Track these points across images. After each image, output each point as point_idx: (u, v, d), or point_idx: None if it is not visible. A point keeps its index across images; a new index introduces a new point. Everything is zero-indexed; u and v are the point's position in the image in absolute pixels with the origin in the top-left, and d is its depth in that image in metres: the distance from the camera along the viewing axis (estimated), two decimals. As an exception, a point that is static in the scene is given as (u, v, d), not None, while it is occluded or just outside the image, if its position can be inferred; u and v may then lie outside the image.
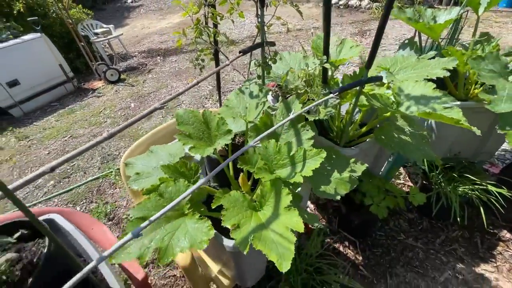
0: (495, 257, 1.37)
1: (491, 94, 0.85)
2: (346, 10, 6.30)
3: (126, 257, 0.60)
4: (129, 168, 0.87)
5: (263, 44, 0.81)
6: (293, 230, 0.55)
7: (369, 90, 0.88)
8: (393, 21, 5.05)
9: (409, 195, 1.29)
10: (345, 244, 1.48)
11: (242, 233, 0.56)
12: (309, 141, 0.75)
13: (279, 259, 0.51)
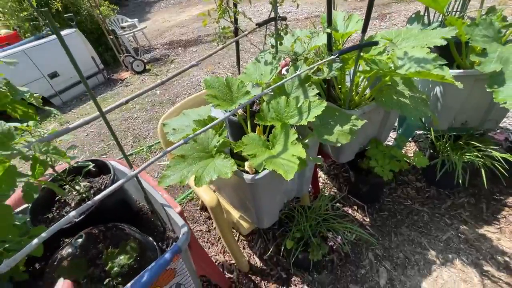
0: (499, 220, 1.44)
1: (483, 56, 0.94)
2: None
3: (171, 181, 0.79)
4: (166, 126, 1.07)
5: (276, 18, 0.96)
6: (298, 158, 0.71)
7: (369, 56, 1.00)
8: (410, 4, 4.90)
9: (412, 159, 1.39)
10: (354, 208, 1.61)
11: (258, 160, 0.73)
12: (314, 98, 0.89)
13: (285, 172, 0.67)
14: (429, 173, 1.68)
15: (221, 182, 1.12)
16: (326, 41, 1.06)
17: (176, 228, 0.79)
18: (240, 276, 1.35)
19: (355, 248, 1.42)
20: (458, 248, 1.35)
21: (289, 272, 1.34)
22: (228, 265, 1.40)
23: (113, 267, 0.72)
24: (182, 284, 0.75)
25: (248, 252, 1.45)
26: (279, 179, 0.98)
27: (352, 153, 1.38)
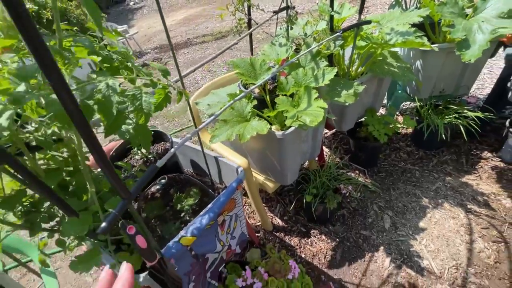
0: (477, 170, 1.72)
1: (452, 28, 1.19)
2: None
3: (219, 139, 0.98)
4: (200, 104, 1.26)
5: (288, 7, 1.17)
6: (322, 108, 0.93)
7: (364, 33, 1.23)
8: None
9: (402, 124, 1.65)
10: (356, 173, 1.85)
11: (290, 114, 0.94)
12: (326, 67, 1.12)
13: (314, 119, 0.89)
14: (417, 138, 1.95)
15: (250, 148, 1.32)
16: (325, 26, 1.28)
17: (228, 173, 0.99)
18: (266, 234, 1.55)
19: (361, 203, 1.65)
20: (445, 194, 1.61)
21: (308, 226, 1.55)
22: (254, 227, 1.59)
23: (182, 207, 0.91)
24: (239, 216, 0.95)
25: (270, 215, 1.65)
26: (299, 138, 1.20)
27: (352, 121, 1.61)
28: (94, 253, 0.52)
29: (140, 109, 0.46)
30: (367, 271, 1.33)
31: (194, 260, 0.78)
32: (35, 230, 0.64)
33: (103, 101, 0.45)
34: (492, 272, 1.23)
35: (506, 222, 1.41)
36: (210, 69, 4.07)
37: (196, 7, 8.84)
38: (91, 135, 0.39)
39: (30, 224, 0.64)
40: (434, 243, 1.39)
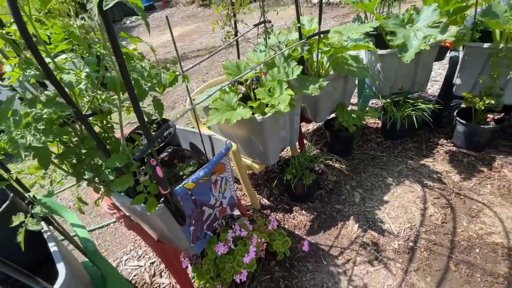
0: (434, 154, 2.02)
1: (393, 36, 1.52)
2: (328, 7, 7.04)
3: (213, 121, 1.26)
4: (196, 100, 1.55)
5: (265, 21, 1.49)
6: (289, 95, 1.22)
7: (326, 40, 1.55)
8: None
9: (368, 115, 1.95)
10: (333, 161, 2.13)
11: (266, 101, 1.23)
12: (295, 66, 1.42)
13: (284, 104, 1.18)
14: (385, 131, 2.26)
15: (238, 135, 1.59)
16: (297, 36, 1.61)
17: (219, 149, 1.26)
18: (255, 212, 1.81)
19: (336, 184, 1.92)
20: (407, 174, 1.90)
21: (291, 204, 1.81)
22: (244, 206, 1.85)
23: (184, 173, 1.18)
24: (228, 180, 1.21)
25: (258, 197, 1.91)
26: (278, 124, 1.48)
27: (325, 114, 1.92)
28: (128, 178, 0.78)
29: (160, 82, 0.74)
30: (339, 235, 1.58)
31: (194, 206, 1.03)
32: (79, 178, 0.91)
33: (137, 79, 0.73)
34: (439, 230, 1.50)
35: (454, 192, 1.70)
36: (204, 79, 4.40)
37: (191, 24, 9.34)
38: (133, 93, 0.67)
39: (77, 173, 0.90)
40: (394, 211, 1.65)
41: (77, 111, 0.70)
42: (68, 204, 2.29)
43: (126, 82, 0.63)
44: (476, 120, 1.88)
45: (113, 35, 0.58)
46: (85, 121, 0.74)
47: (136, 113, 0.69)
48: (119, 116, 0.78)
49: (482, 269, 1.28)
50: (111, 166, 0.75)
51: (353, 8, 6.31)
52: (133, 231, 1.11)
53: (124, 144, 0.83)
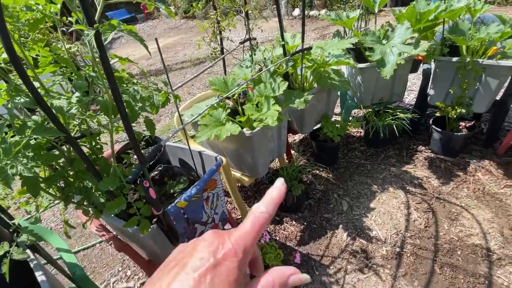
0: (414, 160, 2.12)
1: (372, 52, 1.62)
2: (308, 19, 7.32)
3: (203, 137, 1.28)
4: (184, 115, 1.56)
5: (250, 38, 1.54)
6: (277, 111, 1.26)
7: (310, 56, 1.62)
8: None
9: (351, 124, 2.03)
10: (320, 170, 2.19)
11: (254, 117, 1.26)
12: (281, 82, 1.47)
13: (271, 119, 1.21)
14: (367, 140, 2.35)
15: (227, 149, 1.61)
16: (282, 52, 1.67)
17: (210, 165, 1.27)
18: (246, 225, 1.80)
19: (324, 194, 1.97)
20: (390, 180, 1.98)
21: (281, 215, 1.83)
22: (235, 220, 1.84)
23: (175, 191, 1.17)
24: (219, 196, 1.22)
25: (248, 209, 1.91)
26: (266, 137, 1.52)
27: (310, 125, 1.98)
28: (121, 201, 0.77)
29: (153, 104, 0.75)
30: (329, 244, 1.61)
31: (186, 225, 1.03)
32: (67, 201, 0.89)
33: (129, 101, 0.74)
34: (423, 234, 1.57)
35: (434, 197, 1.79)
36: (190, 91, 4.40)
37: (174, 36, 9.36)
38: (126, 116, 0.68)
39: (65, 197, 0.88)
40: (381, 218, 1.71)
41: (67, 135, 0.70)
42: (50, 225, 2.18)
43: (119, 106, 0.64)
44: (450, 128, 2.01)
45: (107, 62, 0.59)
46: (75, 144, 0.73)
47: (129, 137, 0.70)
48: (111, 138, 0.77)
49: (464, 270, 1.35)
50: (103, 189, 0.75)
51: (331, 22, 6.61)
52: (123, 252, 1.08)
53: (116, 166, 0.82)
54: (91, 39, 0.50)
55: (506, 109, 1.92)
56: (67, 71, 0.84)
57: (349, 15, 1.98)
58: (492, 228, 1.53)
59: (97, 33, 0.51)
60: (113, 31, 0.52)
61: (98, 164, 0.91)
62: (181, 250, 0.27)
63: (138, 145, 0.72)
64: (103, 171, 0.89)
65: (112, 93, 0.62)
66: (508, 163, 1.92)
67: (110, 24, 0.52)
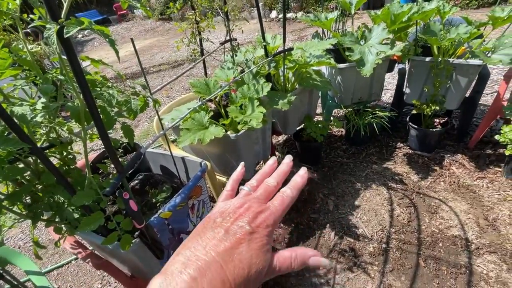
0: (394, 157, 2.19)
1: (351, 52, 1.65)
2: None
3: (185, 142, 1.22)
4: (164, 119, 1.49)
5: (231, 39, 1.51)
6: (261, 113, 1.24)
7: (291, 57, 1.62)
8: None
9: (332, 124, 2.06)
10: (305, 170, 2.19)
11: (239, 118, 1.23)
12: (264, 83, 1.45)
13: (256, 121, 1.19)
14: (349, 138, 2.40)
15: (212, 153, 1.56)
16: (263, 53, 1.65)
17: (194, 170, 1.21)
18: (233, 230, 1.76)
19: (309, 194, 1.97)
20: (373, 178, 2.03)
21: (268, 218, 1.80)
22: (221, 226, 1.79)
23: (157, 200, 1.11)
24: (205, 203, 1.17)
25: (235, 214, 1.87)
26: (251, 140, 1.49)
27: (294, 126, 1.98)
28: (98, 216, 0.70)
29: (130, 108, 0.69)
30: (318, 245, 1.61)
31: (171, 236, 0.97)
32: (36, 219, 0.80)
33: (104, 106, 0.68)
34: (406, 229, 1.61)
35: (414, 192, 1.85)
36: (169, 95, 4.27)
37: (150, 38, 9.09)
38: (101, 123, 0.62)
39: (32, 214, 0.79)
40: (366, 215, 1.74)
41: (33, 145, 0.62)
42: (18, 244, 2.00)
43: (93, 112, 0.58)
44: (425, 125, 2.09)
45: (76, 62, 0.53)
46: (42, 155, 0.65)
47: (105, 146, 0.63)
48: (84, 147, 0.71)
49: (447, 261, 1.40)
50: (77, 204, 0.68)
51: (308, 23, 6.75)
52: (102, 269, 1.00)
53: (91, 177, 0.75)
54: (52, 35, 0.44)
55: (475, 105, 2.03)
56: (31, 75, 0.76)
57: (328, 16, 2.00)
58: (468, 219, 1.61)
59: (61, 29, 0.45)
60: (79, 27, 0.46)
61: (71, 176, 0.83)
62: (222, 211, 0.32)
63: (115, 154, 0.66)
64: (76, 184, 0.82)
65: (84, 98, 0.56)
66: (478, 156, 2.03)
67: (78, 20, 0.47)
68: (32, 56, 0.71)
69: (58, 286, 1.64)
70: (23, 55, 0.73)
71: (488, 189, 1.78)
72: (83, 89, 0.55)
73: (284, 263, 0.30)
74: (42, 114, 0.59)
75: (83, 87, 0.55)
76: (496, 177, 1.84)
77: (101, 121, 0.61)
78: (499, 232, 1.50)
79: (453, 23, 2.07)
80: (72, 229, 0.84)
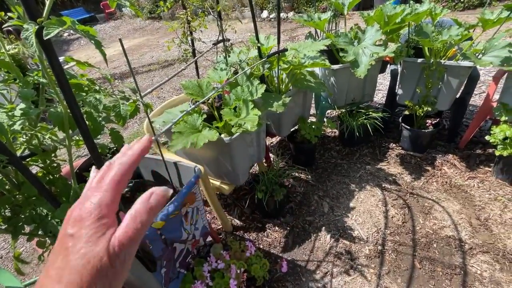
0: (387, 158, 2.20)
1: (345, 53, 1.64)
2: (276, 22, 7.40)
3: (178, 146, 1.17)
4: (155, 122, 1.43)
5: (224, 39, 1.47)
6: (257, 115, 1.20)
7: (285, 58, 1.59)
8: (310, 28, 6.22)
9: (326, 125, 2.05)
10: (299, 172, 2.17)
11: (233, 122, 1.19)
12: (258, 84, 1.42)
13: (251, 124, 1.15)
14: (342, 139, 2.40)
15: (205, 157, 1.51)
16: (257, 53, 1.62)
17: (187, 176, 1.17)
18: (227, 235, 1.72)
19: (304, 196, 1.95)
20: (367, 179, 2.03)
21: (263, 221, 1.78)
22: (216, 230, 1.75)
23: (149, 207, 1.06)
24: (199, 209, 1.13)
25: (229, 218, 1.83)
26: (245, 143, 1.45)
27: (288, 128, 1.95)
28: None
29: (119, 114, 0.65)
30: (314, 248, 1.59)
31: (164, 246, 0.93)
32: (17, 233, 0.74)
33: (90, 112, 0.63)
34: (401, 230, 1.62)
35: (408, 192, 1.86)
36: (159, 95, 4.19)
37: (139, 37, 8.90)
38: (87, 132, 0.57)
39: (12, 228, 0.73)
40: (361, 217, 1.74)
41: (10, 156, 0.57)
42: (0, 254, 1.90)
43: (77, 120, 0.54)
44: (417, 125, 2.11)
45: (58, 66, 0.49)
46: (21, 166, 0.60)
47: (92, 156, 0.59)
48: (69, 156, 0.66)
49: (441, 262, 1.41)
50: (62, 217, 0.63)
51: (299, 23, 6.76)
52: (90, 283, 0.94)
53: (77, 188, 0.70)
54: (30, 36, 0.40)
55: (465, 106, 2.07)
56: (10, 77, 0.70)
57: (321, 17, 1.99)
58: (461, 219, 1.63)
59: (40, 30, 0.41)
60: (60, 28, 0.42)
61: (55, 186, 0.78)
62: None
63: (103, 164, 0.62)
64: (61, 195, 0.76)
65: (68, 104, 0.51)
66: (469, 156, 2.06)
67: (59, 20, 0.42)
68: (10, 57, 0.66)
69: (43, 298, 1.56)
70: (0, 56, 0.68)
71: (479, 188, 1.81)
72: (66, 95, 0.51)
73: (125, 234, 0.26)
74: (21, 122, 0.54)
75: (66, 92, 0.51)
76: (487, 176, 1.87)
77: (87, 130, 0.56)
78: (491, 231, 1.52)
79: (443, 25, 2.10)
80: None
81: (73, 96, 0.52)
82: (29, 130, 0.62)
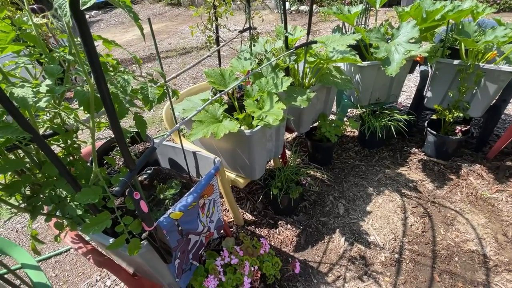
0: (408, 163, 2.11)
1: (377, 49, 1.55)
2: (298, 14, 7.21)
3: (198, 135, 1.14)
4: (175, 109, 1.40)
5: (250, 27, 1.41)
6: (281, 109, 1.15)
7: (313, 51, 1.52)
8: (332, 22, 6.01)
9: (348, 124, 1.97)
10: (315, 171, 2.11)
11: (257, 114, 1.14)
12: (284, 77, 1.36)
13: (274, 117, 1.10)
14: (362, 140, 2.31)
15: (222, 148, 1.48)
16: (282, 45, 1.55)
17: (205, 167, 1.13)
18: (239, 229, 1.69)
19: (319, 195, 1.90)
20: (386, 183, 1.95)
21: (275, 218, 1.74)
22: (227, 223, 1.72)
23: (165, 196, 1.03)
24: (216, 202, 1.09)
25: (241, 211, 1.80)
26: (265, 136, 1.40)
27: (308, 124, 1.89)
28: (104, 217, 0.63)
29: (147, 97, 0.61)
30: (327, 250, 1.54)
31: (180, 237, 0.90)
32: (35, 213, 0.72)
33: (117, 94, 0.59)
34: (420, 239, 1.54)
35: (429, 201, 1.77)
36: (175, 82, 4.17)
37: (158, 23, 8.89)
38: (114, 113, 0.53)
39: (31, 207, 0.72)
40: (378, 222, 1.67)
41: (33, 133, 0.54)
42: (16, 227, 1.95)
43: (105, 101, 0.50)
44: (444, 131, 2.00)
45: (90, 41, 0.45)
46: (44, 145, 0.57)
47: (117, 140, 0.55)
48: (92, 138, 0.63)
49: (463, 277, 1.33)
50: (82, 201, 0.60)
51: (321, 17, 6.55)
52: (104, 268, 0.93)
53: (97, 171, 0.67)
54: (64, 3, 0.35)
55: (499, 114, 1.93)
56: (35, 52, 0.67)
57: (351, 10, 1.89)
58: (486, 234, 1.53)
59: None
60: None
61: (75, 167, 0.75)
62: None
63: (127, 149, 0.58)
64: (81, 176, 0.74)
65: (96, 83, 0.47)
66: (498, 168, 1.94)
67: (98, -14, 0.38)
68: (37, 30, 0.62)
69: (55, 274, 1.59)
70: (27, 28, 0.64)
71: (507, 203, 1.70)
72: (96, 73, 0.47)
73: None
74: (47, 99, 0.51)
75: (96, 70, 0.47)
76: (517, 191, 1.76)
77: (114, 111, 0.53)
78: (519, 250, 1.43)
79: (482, 25, 1.95)
80: (75, 225, 0.77)
81: (103, 74, 0.48)
82: (53, 108, 0.59)
